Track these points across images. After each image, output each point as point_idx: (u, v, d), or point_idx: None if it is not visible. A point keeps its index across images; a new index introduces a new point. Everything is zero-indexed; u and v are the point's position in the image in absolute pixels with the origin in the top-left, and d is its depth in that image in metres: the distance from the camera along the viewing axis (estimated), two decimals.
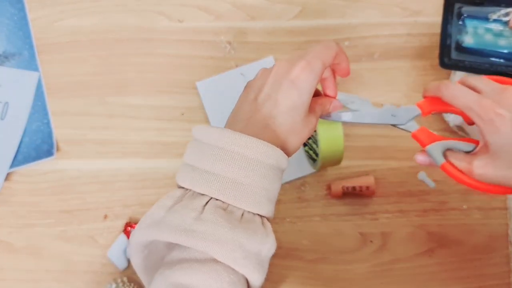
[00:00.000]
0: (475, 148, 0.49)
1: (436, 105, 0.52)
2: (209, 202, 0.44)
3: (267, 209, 0.45)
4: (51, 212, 0.70)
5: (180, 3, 0.75)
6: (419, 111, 0.52)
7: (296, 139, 0.48)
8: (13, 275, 0.69)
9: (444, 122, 0.69)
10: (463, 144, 0.50)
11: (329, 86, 0.54)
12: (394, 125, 0.54)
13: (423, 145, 0.51)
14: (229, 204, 0.44)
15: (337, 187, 0.68)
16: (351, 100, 0.55)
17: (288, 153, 0.47)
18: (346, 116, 0.54)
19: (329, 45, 0.49)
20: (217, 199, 0.44)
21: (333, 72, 0.54)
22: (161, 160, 0.71)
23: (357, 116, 0.54)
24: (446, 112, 0.52)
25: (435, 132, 0.51)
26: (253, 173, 0.44)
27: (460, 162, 0.48)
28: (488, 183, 0.47)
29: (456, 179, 0.49)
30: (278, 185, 0.47)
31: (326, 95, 0.54)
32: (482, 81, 0.48)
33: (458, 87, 0.48)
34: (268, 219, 0.46)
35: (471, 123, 0.49)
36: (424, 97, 0.53)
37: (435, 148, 0.50)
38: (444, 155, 0.50)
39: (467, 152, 0.49)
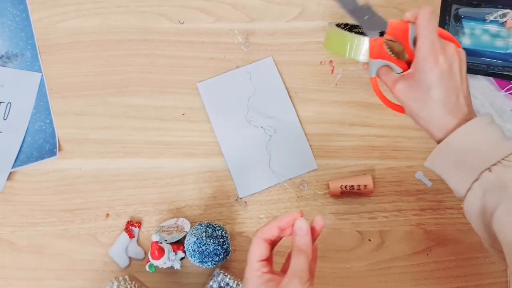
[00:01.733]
0: (401, 72, 0.58)
1: (401, 33, 0.58)
2: None
3: None
4: (53, 211, 0.71)
5: (181, 5, 0.76)
6: (386, 27, 0.59)
7: None
8: (15, 273, 0.70)
9: None
10: (395, 66, 0.58)
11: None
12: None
13: (371, 56, 0.60)
14: None
15: (335, 186, 0.68)
16: None
17: None
18: None
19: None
20: None
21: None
22: (162, 160, 0.72)
23: None
24: (402, 42, 0.59)
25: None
26: None
27: (387, 77, 0.58)
28: (399, 102, 0.58)
29: (376, 91, 0.61)
30: None
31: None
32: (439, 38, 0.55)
33: (433, 23, 0.54)
34: None
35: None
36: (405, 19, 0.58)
37: (375, 64, 0.60)
38: (378, 71, 0.60)
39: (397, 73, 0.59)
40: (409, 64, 0.58)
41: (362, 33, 0.62)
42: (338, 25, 0.67)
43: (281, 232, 0.51)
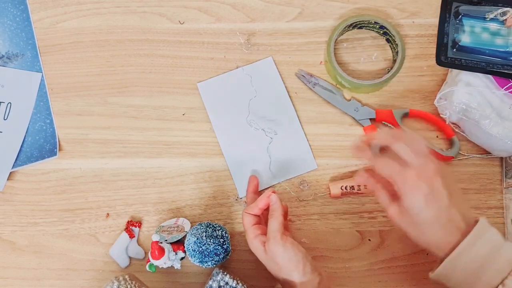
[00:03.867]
0: None
1: (388, 117, 0.70)
2: None
3: None
4: (54, 211, 0.71)
5: (181, 5, 0.76)
6: (374, 114, 0.70)
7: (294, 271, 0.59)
8: (15, 273, 0.70)
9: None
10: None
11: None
12: (352, 117, 0.71)
13: None
14: None
15: (336, 188, 0.68)
16: (329, 87, 0.72)
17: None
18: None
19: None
20: None
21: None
22: (162, 160, 0.72)
23: (330, 97, 0.72)
24: (392, 125, 0.70)
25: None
26: None
27: (381, 201, 0.58)
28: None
29: None
30: None
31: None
32: (410, 155, 0.55)
33: (386, 162, 0.56)
34: None
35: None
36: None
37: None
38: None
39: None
40: None
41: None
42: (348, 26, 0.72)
43: (261, 210, 0.63)
